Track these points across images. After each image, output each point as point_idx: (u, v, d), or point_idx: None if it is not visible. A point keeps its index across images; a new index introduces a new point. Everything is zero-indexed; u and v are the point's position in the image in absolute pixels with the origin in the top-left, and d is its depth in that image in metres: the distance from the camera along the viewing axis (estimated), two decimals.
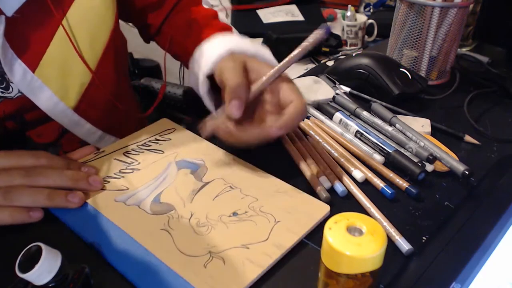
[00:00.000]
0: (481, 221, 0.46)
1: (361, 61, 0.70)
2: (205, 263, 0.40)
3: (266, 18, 1.83)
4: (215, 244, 0.42)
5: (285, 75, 0.50)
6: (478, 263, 0.38)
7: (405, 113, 0.63)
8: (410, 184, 0.49)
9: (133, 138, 0.57)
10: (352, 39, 1.56)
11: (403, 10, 0.71)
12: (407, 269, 0.41)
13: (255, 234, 0.43)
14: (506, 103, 0.68)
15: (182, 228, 0.43)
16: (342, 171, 0.52)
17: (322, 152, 0.55)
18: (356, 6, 1.77)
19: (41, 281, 0.32)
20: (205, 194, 0.48)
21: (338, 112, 0.61)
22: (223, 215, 0.45)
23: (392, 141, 0.56)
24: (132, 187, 0.49)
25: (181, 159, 0.53)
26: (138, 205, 0.46)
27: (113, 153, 0.54)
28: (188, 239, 0.42)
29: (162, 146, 0.55)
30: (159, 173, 0.51)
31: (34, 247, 0.32)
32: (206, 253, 0.41)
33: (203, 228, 0.43)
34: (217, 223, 0.44)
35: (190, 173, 0.51)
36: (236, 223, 0.44)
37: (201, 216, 0.45)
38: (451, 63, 0.74)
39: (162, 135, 0.57)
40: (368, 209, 0.47)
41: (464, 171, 0.50)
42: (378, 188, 0.50)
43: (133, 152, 0.54)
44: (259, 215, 0.45)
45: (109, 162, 0.53)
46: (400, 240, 0.43)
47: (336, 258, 0.32)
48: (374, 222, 0.33)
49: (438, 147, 0.54)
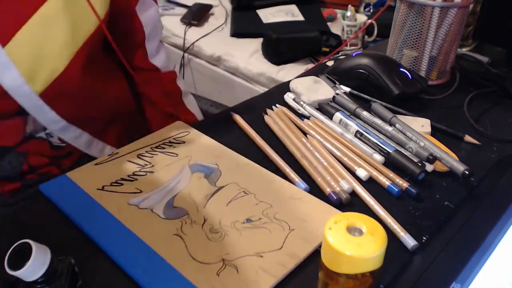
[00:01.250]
0: (481, 221, 0.46)
1: (361, 61, 0.70)
2: (218, 271, 0.39)
3: (266, 18, 1.83)
4: (228, 252, 0.41)
5: None
6: (478, 263, 0.38)
7: (405, 113, 0.63)
8: (410, 184, 0.49)
9: (147, 140, 0.57)
10: (352, 39, 1.55)
11: (403, 10, 0.71)
12: (407, 269, 0.41)
13: (269, 242, 0.42)
14: (506, 103, 0.68)
15: (195, 233, 0.43)
16: (345, 170, 0.52)
17: (321, 152, 0.55)
18: (356, 6, 1.77)
19: (33, 277, 0.32)
20: (219, 199, 0.47)
21: (338, 112, 0.61)
22: (237, 221, 0.44)
23: (392, 141, 0.56)
24: (145, 190, 0.48)
25: (194, 162, 0.53)
26: (152, 209, 0.46)
27: (127, 155, 0.54)
28: (201, 246, 0.42)
29: (176, 149, 0.55)
30: (173, 176, 0.50)
31: (21, 244, 0.32)
32: (219, 261, 0.40)
33: (216, 235, 0.43)
34: (231, 230, 0.43)
35: (203, 177, 0.50)
36: (250, 230, 0.43)
37: (215, 222, 0.44)
38: (451, 63, 0.74)
39: (177, 137, 0.57)
40: (372, 206, 0.47)
41: (464, 171, 0.50)
42: (384, 186, 0.50)
43: (147, 154, 0.54)
44: (273, 223, 0.44)
45: (123, 164, 0.52)
46: (405, 236, 0.43)
47: (336, 258, 0.32)
48: (374, 222, 0.33)
49: (438, 147, 0.54)
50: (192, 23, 1.92)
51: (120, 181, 0.49)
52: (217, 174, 0.51)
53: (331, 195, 0.48)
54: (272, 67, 1.61)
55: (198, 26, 1.90)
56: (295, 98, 0.66)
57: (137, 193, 0.48)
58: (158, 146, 0.56)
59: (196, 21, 1.92)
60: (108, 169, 0.51)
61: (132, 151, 0.55)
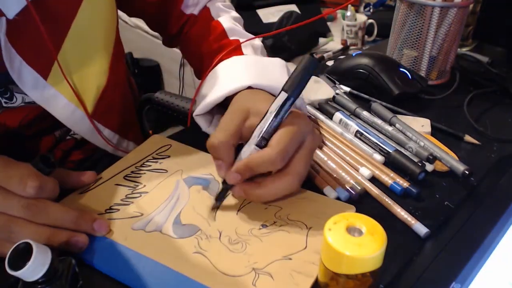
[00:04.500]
0: (481, 221, 0.46)
1: (361, 61, 0.70)
2: (253, 281, 0.38)
3: (266, 18, 1.83)
4: (256, 260, 0.40)
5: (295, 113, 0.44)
6: (478, 263, 0.38)
7: (405, 113, 0.63)
8: (411, 184, 0.49)
9: (129, 160, 0.52)
10: (352, 39, 1.55)
11: (403, 10, 0.71)
12: (407, 269, 0.41)
13: (292, 243, 0.41)
14: (506, 103, 0.68)
15: (216, 248, 0.41)
16: (351, 168, 0.52)
17: (324, 151, 0.55)
18: (356, 6, 1.77)
19: (33, 277, 0.32)
20: (226, 209, 0.46)
21: (338, 112, 0.61)
22: (253, 229, 0.43)
23: (392, 141, 0.56)
24: (146, 212, 0.45)
25: (187, 176, 0.50)
26: (160, 231, 0.43)
27: (111, 178, 0.49)
28: (226, 259, 0.40)
29: (163, 165, 0.51)
30: (170, 194, 0.47)
31: (22, 244, 0.32)
32: (250, 271, 0.39)
33: (237, 245, 0.41)
34: (250, 238, 0.42)
35: (202, 189, 0.48)
36: (269, 235, 0.42)
37: (231, 232, 0.43)
38: (451, 63, 0.74)
39: (159, 153, 0.54)
40: (382, 200, 0.48)
41: (464, 171, 0.50)
42: (386, 184, 0.50)
43: (133, 174, 0.50)
44: (289, 224, 0.43)
45: (111, 188, 0.48)
46: (417, 224, 0.44)
47: (336, 258, 0.32)
48: (374, 222, 0.33)
49: (438, 147, 0.54)
50: None
51: (114, 206, 0.46)
52: (215, 184, 0.49)
53: (349, 190, 0.48)
54: None
55: None
56: None
57: (138, 216, 0.45)
58: (142, 164, 0.52)
59: None
60: (96, 196, 0.47)
61: (116, 173, 0.50)
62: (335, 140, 0.57)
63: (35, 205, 0.39)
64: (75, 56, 0.51)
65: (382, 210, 0.47)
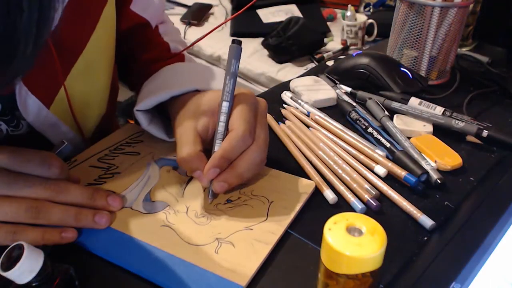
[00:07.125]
0: (481, 221, 0.46)
1: (362, 61, 0.70)
2: (216, 249, 0.41)
3: (266, 18, 1.83)
4: (219, 231, 0.43)
5: (240, 93, 0.47)
6: (478, 263, 0.38)
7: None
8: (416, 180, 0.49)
9: (103, 144, 0.55)
10: (352, 39, 1.56)
11: (403, 10, 0.71)
12: (407, 269, 0.41)
13: (254, 216, 0.44)
14: (506, 103, 0.68)
15: (182, 221, 0.44)
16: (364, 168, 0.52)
17: (326, 151, 0.55)
18: (356, 6, 1.77)
19: (23, 280, 0.32)
20: (194, 187, 0.48)
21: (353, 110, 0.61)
22: (219, 204, 0.46)
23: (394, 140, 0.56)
24: (118, 190, 0.48)
25: (159, 157, 0.53)
26: (131, 207, 0.46)
27: (86, 160, 0.52)
28: (192, 231, 0.43)
29: (136, 148, 0.54)
30: (142, 174, 0.50)
31: (17, 246, 0.32)
32: (213, 240, 0.42)
33: (203, 219, 0.44)
34: (215, 212, 0.45)
35: (172, 169, 0.51)
36: (233, 209, 0.45)
37: (197, 207, 0.46)
38: (451, 63, 0.74)
39: (133, 138, 0.56)
40: (385, 192, 0.48)
41: (437, 180, 0.50)
42: (400, 177, 0.50)
43: (107, 157, 0.53)
44: (253, 199, 0.47)
45: (85, 170, 0.51)
46: (422, 217, 0.45)
47: (336, 258, 0.32)
48: (374, 222, 0.33)
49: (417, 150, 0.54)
50: (192, 23, 1.92)
51: (88, 186, 0.48)
52: None
53: (369, 201, 0.47)
54: (272, 67, 1.61)
55: (198, 25, 1.90)
56: (293, 97, 0.66)
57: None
58: (116, 148, 0.54)
59: (196, 20, 1.92)
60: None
61: (90, 156, 0.53)
62: (338, 140, 0.57)
63: (58, 185, 0.41)
64: (79, 89, 0.53)
65: (382, 208, 0.47)
